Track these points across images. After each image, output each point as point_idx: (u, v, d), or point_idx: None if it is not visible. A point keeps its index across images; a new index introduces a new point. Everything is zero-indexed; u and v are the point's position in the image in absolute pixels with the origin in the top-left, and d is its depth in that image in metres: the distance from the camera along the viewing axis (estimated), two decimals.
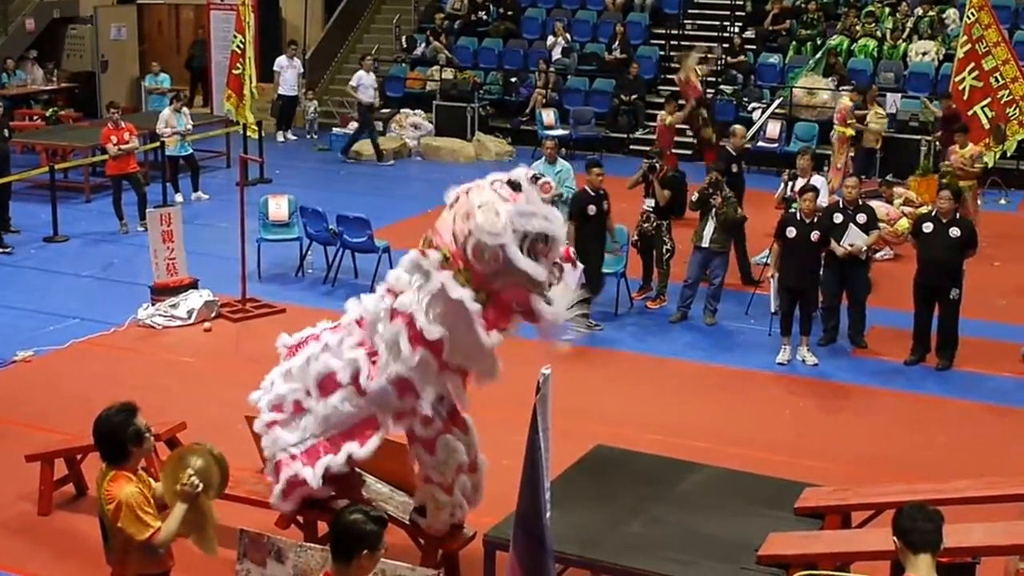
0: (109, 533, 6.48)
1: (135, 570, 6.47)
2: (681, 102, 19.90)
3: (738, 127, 16.95)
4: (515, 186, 7.21)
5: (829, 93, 23.54)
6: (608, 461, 8.92)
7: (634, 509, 8.08)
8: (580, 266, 7.82)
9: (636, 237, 15.06)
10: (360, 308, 7.89)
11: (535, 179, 7.23)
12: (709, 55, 24.24)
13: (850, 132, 19.86)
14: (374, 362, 7.62)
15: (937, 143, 19.43)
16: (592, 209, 13.85)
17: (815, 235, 13.03)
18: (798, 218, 13.15)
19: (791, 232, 13.06)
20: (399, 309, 7.42)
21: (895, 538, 5.59)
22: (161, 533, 6.30)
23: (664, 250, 14.79)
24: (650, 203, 14.76)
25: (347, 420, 7.80)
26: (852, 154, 20.17)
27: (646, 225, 14.83)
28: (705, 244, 14.10)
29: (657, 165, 14.87)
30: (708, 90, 25.15)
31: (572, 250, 7.79)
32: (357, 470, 8.44)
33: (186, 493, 6.39)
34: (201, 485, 6.42)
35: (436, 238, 7.35)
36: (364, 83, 23.90)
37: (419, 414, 7.55)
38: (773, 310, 13.70)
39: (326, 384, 7.86)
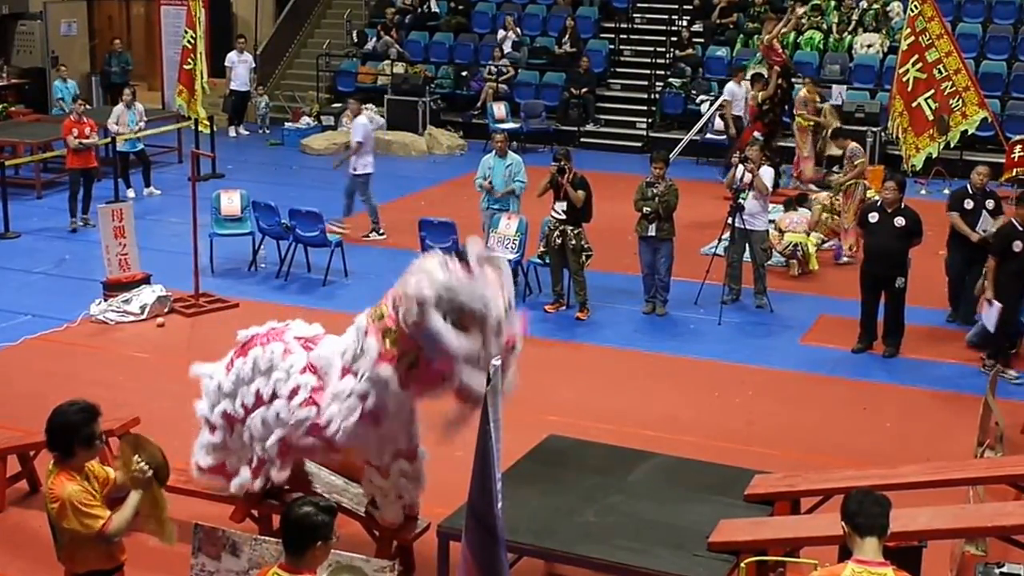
0: (57, 532, 6.47)
1: (86, 566, 6.47)
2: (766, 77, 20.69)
3: (981, 167, 14.30)
4: (464, 260, 7.28)
5: None
6: (560, 451, 8.98)
7: (587, 498, 8.16)
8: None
9: (545, 250, 14.42)
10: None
11: (488, 260, 7.26)
12: (791, 16, 23.91)
13: (808, 123, 20.35)
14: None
15: (883, 134, 19.63)
16: (1019, 245, 12.22)
17: None
18: (1020, 229, 12.22)
19: (1018, 246, 12.17)
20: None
21: (843, 523, 5.66)
22: (114, 522, 6.31)
23: (584, 256, 14.15)
24: (561, 206, 14.08)
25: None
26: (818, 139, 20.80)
27: (557, 237, 14.08)
28: (652, 233, 14.08)
29: (565, 168, 14.05)
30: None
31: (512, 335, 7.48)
32: (309, 463, 8.51)
33: (137, 479, 6.43)
34: (151, 470, 6.45)
35: (384, 299, 7.56)
36: (738, 96, 22.16)
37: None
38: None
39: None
